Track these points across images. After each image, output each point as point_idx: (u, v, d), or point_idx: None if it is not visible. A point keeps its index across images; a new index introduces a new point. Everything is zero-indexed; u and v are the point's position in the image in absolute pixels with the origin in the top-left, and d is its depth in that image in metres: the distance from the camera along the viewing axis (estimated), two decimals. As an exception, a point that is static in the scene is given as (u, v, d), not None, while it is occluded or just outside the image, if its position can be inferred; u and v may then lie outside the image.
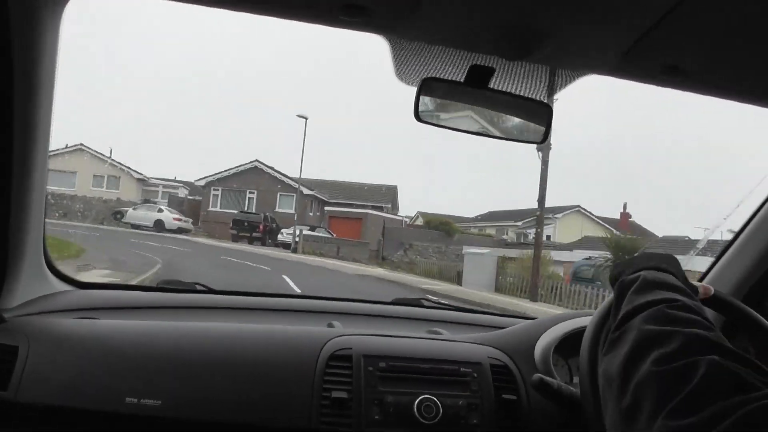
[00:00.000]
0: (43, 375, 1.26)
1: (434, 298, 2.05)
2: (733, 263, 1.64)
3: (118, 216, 27.11)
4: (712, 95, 1.18)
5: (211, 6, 1.04)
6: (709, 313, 0.89)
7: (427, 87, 1.22)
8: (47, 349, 1.30)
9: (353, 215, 33.76)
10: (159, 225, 26.53)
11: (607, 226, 31.23)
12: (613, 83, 1.15)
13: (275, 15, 1.04)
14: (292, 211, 30.91)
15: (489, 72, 1.19)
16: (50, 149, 1.34)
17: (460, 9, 0.95)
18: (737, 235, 1.64)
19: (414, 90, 1.22)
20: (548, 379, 1.21)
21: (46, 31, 1.19)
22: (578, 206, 35.23)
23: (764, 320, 1.22)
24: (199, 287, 1.86)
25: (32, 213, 1.39)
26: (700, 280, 1.71)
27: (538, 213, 17.54)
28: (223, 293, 1.87)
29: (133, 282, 8.51)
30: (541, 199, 16.97)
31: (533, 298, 16.31)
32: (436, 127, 1.28)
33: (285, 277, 13.59)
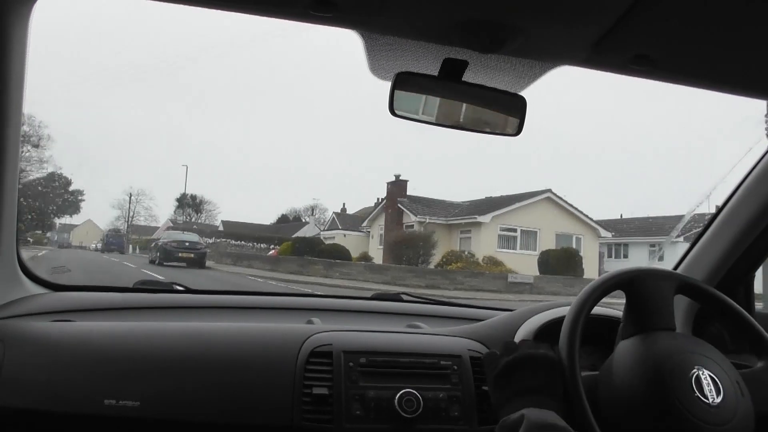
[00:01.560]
0: (19, 379, 1.24)
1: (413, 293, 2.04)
2: (706, 251, 1.67)
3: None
4: (682, 83, 1.19)
5: (181, 4, 1.02)
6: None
7: (401, 81, 1.22)
8: (23, 353, 1.28)
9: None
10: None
11: None
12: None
13: (244, 11, 1.03)
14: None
15: (462, 65, 1.19)
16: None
17: (429, 2, 0.94)
18: (710, 222, 1.67)
19: (388, 85, 1.22)
20: None
21: (13, 30, 1.16)
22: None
23: (735, 304, 1.24)
24: (176, 287, 1.85)
25: (4, 216, 1.37)
26: (675, 267, 1.74)
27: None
28: (201, 292, 1.86)
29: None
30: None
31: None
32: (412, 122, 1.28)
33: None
